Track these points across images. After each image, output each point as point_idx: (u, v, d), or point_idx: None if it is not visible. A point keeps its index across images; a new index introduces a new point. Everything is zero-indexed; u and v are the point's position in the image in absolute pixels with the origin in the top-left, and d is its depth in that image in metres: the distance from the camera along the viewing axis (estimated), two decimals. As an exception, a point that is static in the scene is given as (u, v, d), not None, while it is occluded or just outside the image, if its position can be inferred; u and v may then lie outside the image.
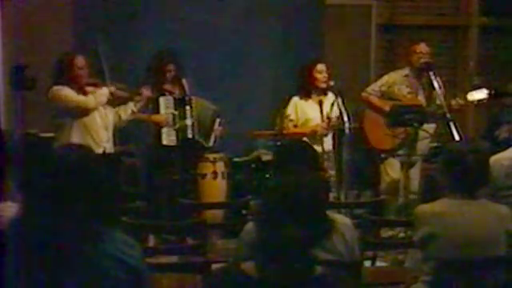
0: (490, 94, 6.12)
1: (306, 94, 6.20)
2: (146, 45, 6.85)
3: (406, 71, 6.45)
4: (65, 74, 5.59)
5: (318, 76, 6.12)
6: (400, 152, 6.22)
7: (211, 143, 6.36)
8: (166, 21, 7.28)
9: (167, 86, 6.20)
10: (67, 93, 5.57)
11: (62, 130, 5.63)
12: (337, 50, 7.94)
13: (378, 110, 6.33)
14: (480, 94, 6.15)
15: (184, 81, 6.22)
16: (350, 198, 6.27)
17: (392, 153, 6.25)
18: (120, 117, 5.86)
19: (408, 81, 6.41)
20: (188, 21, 7.39)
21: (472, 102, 6.22)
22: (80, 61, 5.63)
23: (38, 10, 7.18)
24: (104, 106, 5.75)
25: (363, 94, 6.47)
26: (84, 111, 5.59)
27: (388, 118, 6.15)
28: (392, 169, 6.36)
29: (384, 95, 6.39)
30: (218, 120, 6.38)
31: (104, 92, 5.64)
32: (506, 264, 3.38)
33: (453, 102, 6.18)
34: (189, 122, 6.17)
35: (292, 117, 6.11)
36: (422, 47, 6.42)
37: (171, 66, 6.17)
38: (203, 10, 7.45)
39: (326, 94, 6.16)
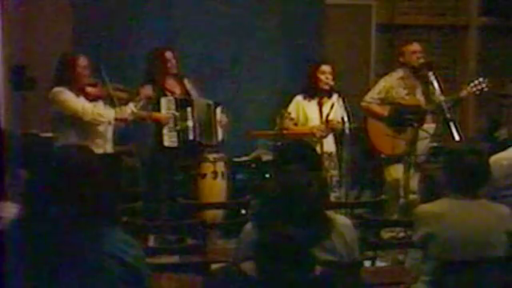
0: (489, 84, 6.11)
1: (309, 94, 6.18)
2: (145, 45, 6.84)
3: (401, 73, 6.37)
4: (66, 74, 5.56)
5: (321, 77, 6.08)
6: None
7: (219, 138, 6.25)
8: (166, 20, 7.28)
9: (169, 84, 6.13)
10: (67, 97, 5.51)
11: (62, 130, 5.62)
12: (337, 50, 7.95)
13: (379, 117, 6.27)
14: (481, 84, 6.14)
15: (186, 80, 6.21)
16: (351, 198, 6.26)
17: (397, 158, 6.21)
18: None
19: (404, 82, 6.35)
20: (188, 21, 7.40)
21: (474, 92, 6.20)
22: (81, 61, 5.60)
23: (38, 10, 7.19)
24: (104, 105, 5.74)
25: (363, 104, 6.36)
26: (80, 119, 5.53)
27: (388, 121, 6.13)
28: (392, 169, 6.34)
29: (383, 101, 6.33)
30: (218, 110, 6.27)
31: (109, 114, 5.59)
32: (505, 264, 3.38)
33: (465, 89, 6.17)
34: (190, 123, 6.12)
35: (293, 115, 6.08)
36: (416, 46, 6.37)
37: (170, 54, 6.07)
38: (203, 10, 7.46)
39: (329, 97, 6.12)
